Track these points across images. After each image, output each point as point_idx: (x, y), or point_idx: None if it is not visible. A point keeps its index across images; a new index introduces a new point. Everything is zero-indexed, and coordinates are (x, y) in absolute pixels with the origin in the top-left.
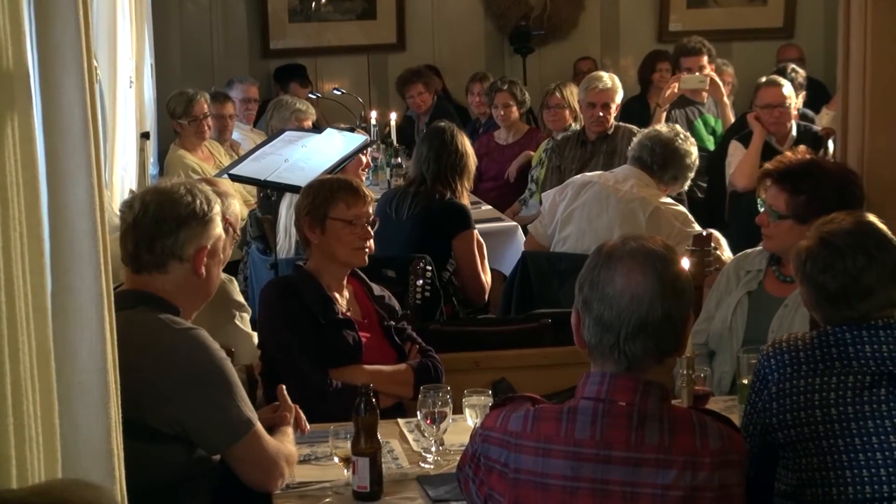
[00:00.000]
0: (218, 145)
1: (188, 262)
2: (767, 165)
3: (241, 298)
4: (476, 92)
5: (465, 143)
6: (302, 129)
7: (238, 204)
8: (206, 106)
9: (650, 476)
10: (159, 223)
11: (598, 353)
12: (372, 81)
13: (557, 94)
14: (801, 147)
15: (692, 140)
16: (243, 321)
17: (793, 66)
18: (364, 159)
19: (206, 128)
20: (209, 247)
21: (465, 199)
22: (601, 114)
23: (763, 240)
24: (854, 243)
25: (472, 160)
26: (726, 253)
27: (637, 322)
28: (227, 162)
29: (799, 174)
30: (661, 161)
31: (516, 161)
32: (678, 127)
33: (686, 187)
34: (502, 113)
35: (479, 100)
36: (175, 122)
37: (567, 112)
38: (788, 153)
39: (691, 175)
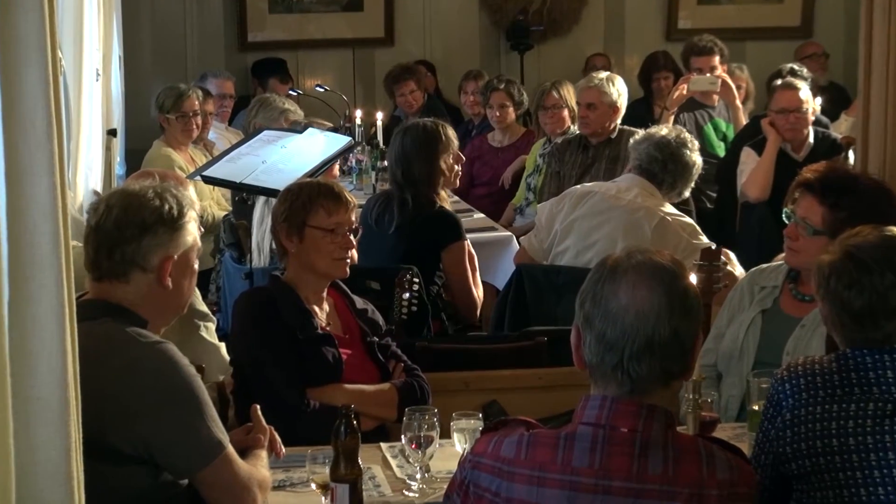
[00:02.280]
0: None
1: (152, 272)
2: (805, 174)
3: (204, 308)
4: (470, 91)
5: (449, 138)
6: (282, 128)
7: (213, 208)
8: (197, 103)
9: None
10: (121, 228)
11: (600, 374)
12: (357, 78)
13: (554, 94)
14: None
15: (697, 147)
16: (209, 332)
17: (792, 66)
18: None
19: (195, 126)
20: (177, 257)
21: (443, 196)
22: (584, 114)
23: (786, 253)
24: (881, 258)
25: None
26: (738, 269)
27: (642, 341)
28: (202, 162)
29: (841, 188)
30: (671, 178)
31: (511, 166)
32: (683, 130)
33: (686, 194)
34: (497, 114)
35: (474, 99)
36: (162, 116)
37: (566, 113)
38: (825, 163)
39: (691, 185)
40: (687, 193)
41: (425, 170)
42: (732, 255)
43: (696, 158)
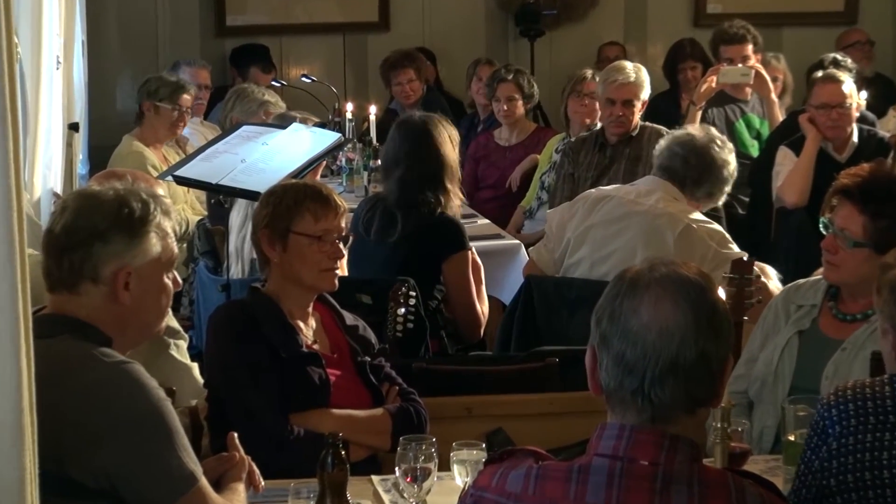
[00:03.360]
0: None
1: (104, 284)
2: (843, 180)
3: (174, 324)
4: (484, 77)
5: (444, 137)
6: (264, 123)
7: (186, 212)
8: (190, 101)
9: None
10: (70, 234)
11: (618, 399)
12: (348, 67)
13: (596, 81)
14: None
15: (730, 146)
16: (180, 351)
17: (835, 55)
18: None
19: (182, 124)
20: (135, 269)
21: (457, 206)
22: (620, 113)
23: (825, 268)
24: None
25: (453, 160)
26: (772, 282)
27: (666, 363)
28: (174, 161)
29: (884, 195)
30: (697, 174)
31: (520, 167)
32: (713, 130)
33: (721, 202)
34: (505, 108)
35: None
36: (149, 103)
37: (597, 105)
38: (866, 165)
39: (727, 189)
40: (721, 198)
41: (426, 170)
42: (768, 269)
43: (728, 158)
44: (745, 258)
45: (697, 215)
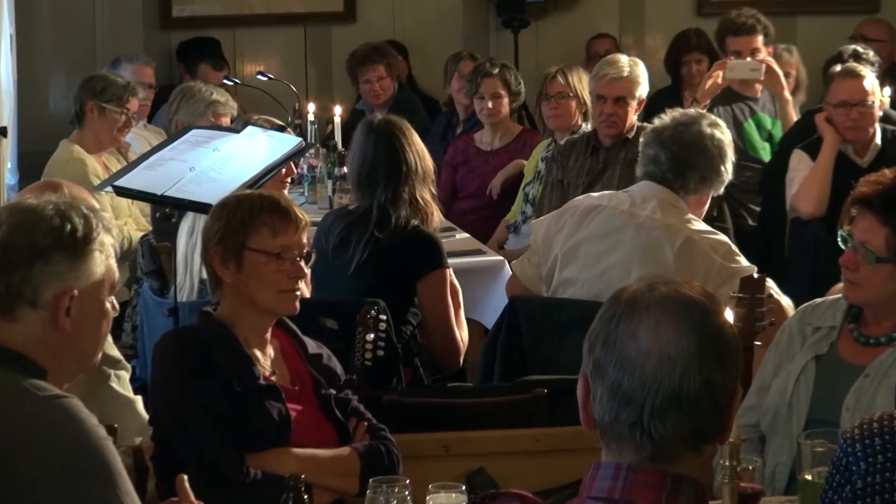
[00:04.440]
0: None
1: (44, 309)
2: (863, 188)
3: (115, 352)
4: (465, 76)
5: (415, 136)
6: (215, 126)
7: (129, 227)
8: (137, 105)
9: None
10: (6, 252)
11: (613, 435)
12: (310, 63)
13: (560, 80)
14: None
15: (710, 118)
16: (122, 383)
17: (855, 47)
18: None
19: (128, 129)
20: (78, 292)
21: (434, 213)
22: (611, 111)
23: (844, 287)
24: None
25: (429, 163)
26: (784, 300)
27: (667, 394)
28: (115, 169)
29: None
30: (675, 163)
31: (504, 171)
32: (679, 109)
33: (725, 174)
34: (490, 105)
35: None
36: (93, 103)
37: (574, 104)
38: (887, 171)
39: (725, 167)
40: (723, 178)
41: (402, 179)
42: (775, 289)
43: (710, 131)
44: (755, 275)
45: (700, 225)
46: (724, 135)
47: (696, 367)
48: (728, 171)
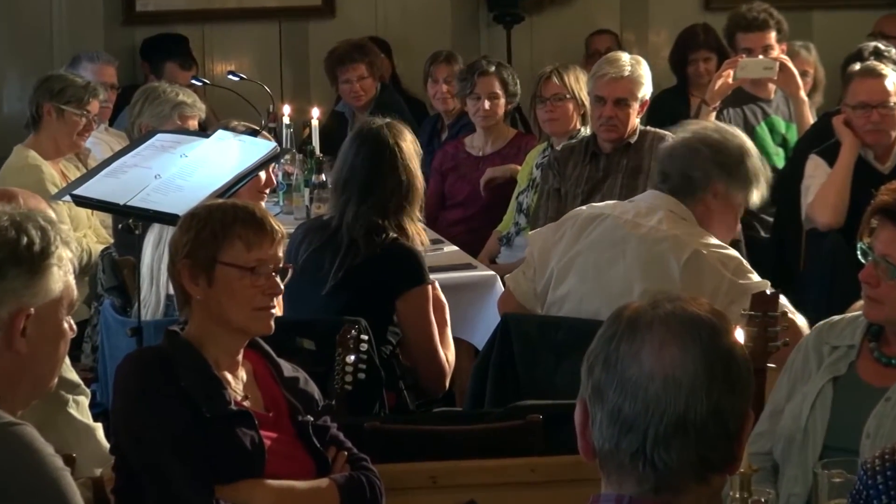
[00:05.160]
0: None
1: None
2: (884, 196)
3: (74, 376)
4: (441, 78)
5: (411, 151)
6: (182, 130)
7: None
8: (98, 107)
9: None
10: None
11: (614, 464)
12: (285, 62)
13: (556, 80)
14: None
15: (743, 137)
16: (80, 409)
17: (876, 44)
18: (263, 175)
19: (88, 134)
20: (34, 311)
21: (419, 235)
22: (611, 114)
23: (864, 304)
24: None
25: (419, 180)
26: (800, 320)
27: (672, 420)
28: (74, 176)
29: None
30: (678, 165)
31: (493, 170)
32: (713, 122)
33: (758, 196)
34: (487, 106)
35: (447, 90)
36: (50, 105)
37: (571, 107)
38: None
39: (740, 168)
40: (754, 196)
41: (387, 191)
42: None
43: (734, 140)
44: (768, 291)
45: (709, 238)
46: (755, 152)
47: (703, 391)
48: (756, 184)
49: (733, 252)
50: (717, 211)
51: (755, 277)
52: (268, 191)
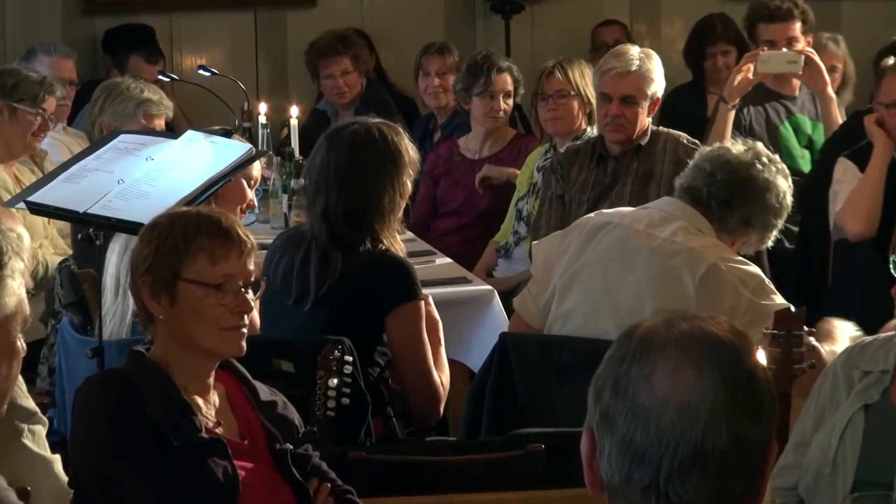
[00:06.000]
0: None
1: None
2: None
3: (29, 403)
4: (433, 71)
5: (405, 147)
6: (148, 130)
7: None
8: (55, 105)
9: None
10: None
11: (624, 499)
12: (262, 55)
13: (559, 76)
14: None
15: (783, 167)
16: (36, 439)
17: None
18: (249, 193)
19: (44, 134)
20: None
21: (396, 246)
22: (617, 113)
23: None
24: None
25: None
26: (839, 345)
27: (688, 450)
28: (28, 181)
29: None
30: (726, 193)
31: (491, 168)
32: (760, 146)
33: (769, 242)
34: (504, 107)
35: (439, 84)
36: (2, 102)
37: (576, 105)
38: None
39: (777, 223)
40: (767, 234)
41: (377, 198)
42: (839, 327)
43: (776, 180)
44: (792, 309)
45: (729, 253)
46: (789, 198)
47: (722, 419)
48: (773, 231)
49: (755, 269)
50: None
51: (778, 299)
52: (247, 211)
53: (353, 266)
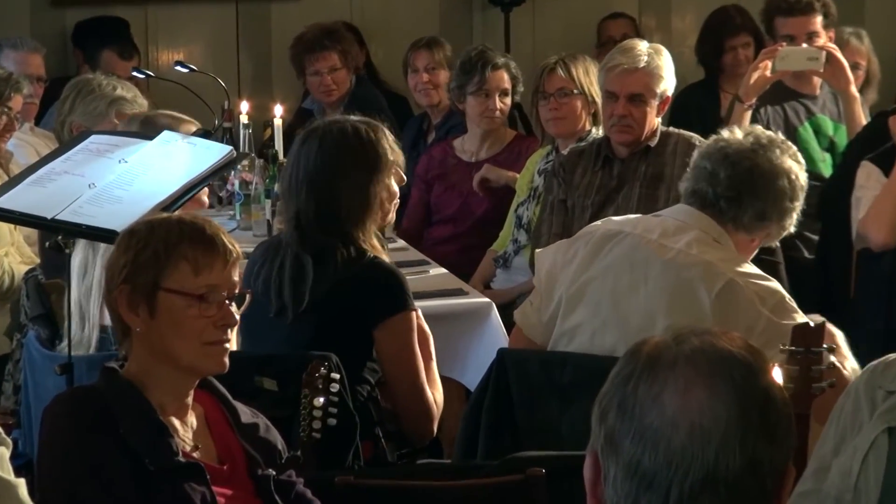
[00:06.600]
0: None
1: None
2: None
3: None
4: (422, 67)
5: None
6: (121, 131)
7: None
8: (21, 103)
9: None
10: None
11: None
12: (244, 50)
13: (561, 73)
14: None
15: (791, 148)
16: (0, 463)
17: None
18: (205, 198)
19: (10, 135)
20: None
21: (382, 254)
22: (624, 112)
23: None
24: None
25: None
26: (850, 361)
27: (699, 475)
28: None
29: None
30: (733, 191)
31: (490, 169)
32: (759, 128)
33: (792, 228)
34: (501, 106)
35: (428, 80)
36: None
37: (580, 104)
38: None
39: (794, 205)
40: (787, 222)
41: (351, 202)
42: (840, 337)
43: (785, 162)
44: (811, 324)
45: (748, 267)
46: (803, 175)
47: (736, 442)
48: (794, 219)
49: (775, 285)
50: (745, 243)
51: (799, 318)
52: (206, 199)
53: (337, 275)
